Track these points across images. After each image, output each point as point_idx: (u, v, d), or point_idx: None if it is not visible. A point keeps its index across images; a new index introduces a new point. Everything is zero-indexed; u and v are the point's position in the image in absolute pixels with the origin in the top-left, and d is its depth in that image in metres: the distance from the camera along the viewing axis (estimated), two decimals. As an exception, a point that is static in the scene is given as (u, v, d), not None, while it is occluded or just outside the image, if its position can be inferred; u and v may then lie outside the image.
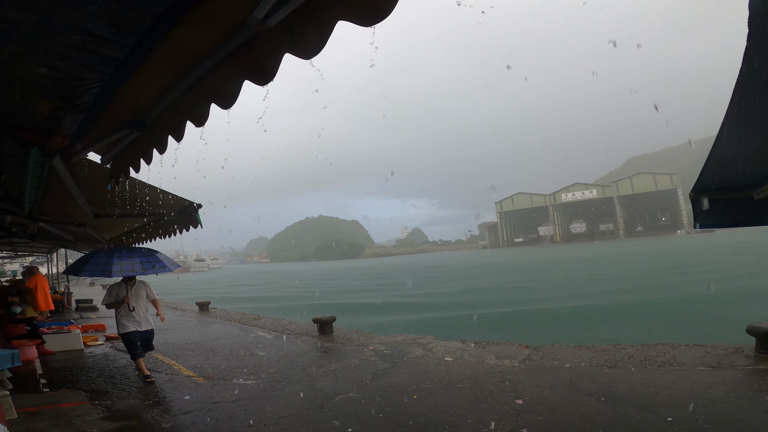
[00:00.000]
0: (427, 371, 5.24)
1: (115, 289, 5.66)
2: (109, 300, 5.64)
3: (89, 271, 5.38)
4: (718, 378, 4.25)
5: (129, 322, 5.52)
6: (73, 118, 2.90)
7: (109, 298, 5.63)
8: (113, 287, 5.68)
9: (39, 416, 4.23)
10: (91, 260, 5.50)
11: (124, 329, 5.50)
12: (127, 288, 5.63)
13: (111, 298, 5.62)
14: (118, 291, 5.63)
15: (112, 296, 5.62)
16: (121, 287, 5.63)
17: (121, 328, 5.51)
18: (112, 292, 5.64)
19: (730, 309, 11.99)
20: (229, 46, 1.52)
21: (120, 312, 5.54)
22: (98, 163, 3.70)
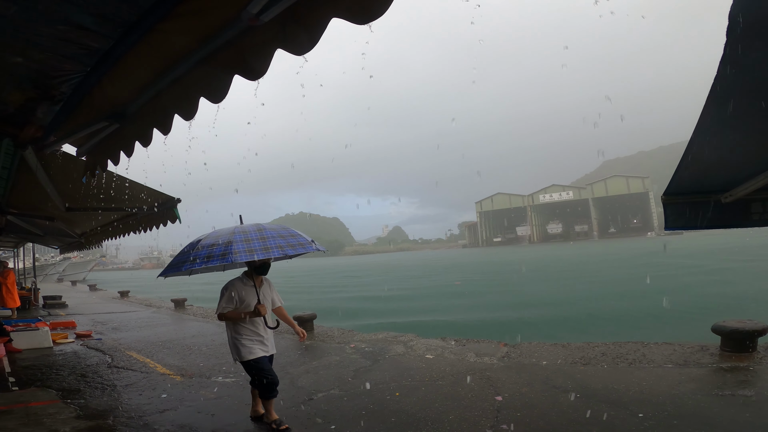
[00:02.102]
0: (409, 368, 5.29)
1: (236, 289, 3.55)
2: (228, 307, 3.50)
3: (203, 259, 3.31)
4: (685, 375, 4.43)
5: (255, 344, 3.55)
6: (48, 109, 2.80)
7: (228, 303, 3.50)
8: (232, 285, 3.58)
9: (8, 415, 4.06)
10: (199, 247, 3.43)
11: (251, 354, 3.51)
12: (257, 288, 3.62)
13: (231, 303, 3.49)
14: (243, 292, 3.55)
15: (232, 301, 3.49)
16: (245, 286, 3.58)
17: (246, 352, 3.51)
18: (232, 294, 3.51)
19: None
20: (219, 40, 1.50)
21: (240, 327, 3.55)
22: (73, 155, 3.59)
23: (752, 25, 1.71)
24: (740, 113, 2.25)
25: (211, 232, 3.60)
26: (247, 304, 3.52)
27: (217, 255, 3.26)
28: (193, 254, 3.35)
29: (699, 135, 2.43)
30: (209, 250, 3.33)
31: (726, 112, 2.24)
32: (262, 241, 3.40)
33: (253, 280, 3.60)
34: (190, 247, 3.48)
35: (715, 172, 2.98)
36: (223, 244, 3.32)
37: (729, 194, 3.17)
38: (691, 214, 3.46)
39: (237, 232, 3.44)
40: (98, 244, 8.91)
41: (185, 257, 3.41)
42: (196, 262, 3.31)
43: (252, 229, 3.53)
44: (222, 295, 3.56)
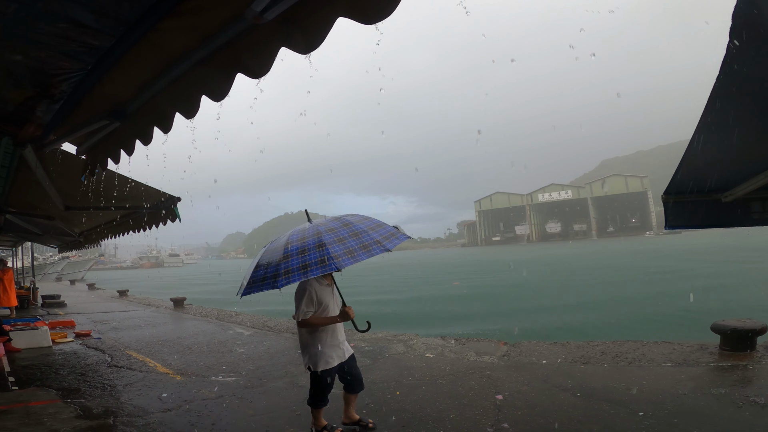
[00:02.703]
0: (409, 367, 5.29)
1: (314, 290, 3.17)
2: (310, 311, 3.14)
3: (299, 270, 2.76)
4: (684, 374, 4.44)
5: (333, 350, 3.27)
6: (47, 108, 2.79)
7: (309, 306, 3.14)
8: (309, 285, 3.16)
9: (8, 415, 4.05)
10: (287, 256, 2.87)
11: (328, 364, 3.22)
12: (334, 290, 3.35)
13: (312, 306, 3.15)
14: (320, 293, 3.19)
15: (313, 303, 3.15)
16: (321, 286, 3.21)
17: (324, 363, 3.21)
18: (312, 296, 3.15)
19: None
20: (222, 38, 1.49)
21: (321, 334, 3.21)
22: (72, 154, 3.58)
23: (755, 25, 1.71)
24: (741, 113, 2.25)
25: (290, 236, 3.06)
26: (326, 306, 3.18)
27: (315, 262, 2.73)
28: (284, 265, 2.80)
29: (700, 134, 2.43)
30: (302, 258, 2.79)
31: (727, 111, 2.24)
32: (357, 238, 2.91)
33: (327, 279, 3.23)
34: (275, 258, 2.92)
35: (715, 171, 2.99)
36: (316, 248, 2.80)
37: (729, 193, 3.18)
38: (691, 214, 3.47)
39: (324, 231, 2.93)
40: (97, 243, 8.89)
41: (273, 270, 2.86)
42: (291, 275, 2.74)
43: (337, 225, 3.05)
44: (300, 298, 3.11)
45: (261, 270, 2.95)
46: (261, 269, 2.95)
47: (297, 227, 3.23)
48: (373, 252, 2.87)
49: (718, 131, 2.40)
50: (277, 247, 3.02)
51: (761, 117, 2.26)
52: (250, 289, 2.90)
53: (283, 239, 3.07)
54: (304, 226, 3.16)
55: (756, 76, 1.99)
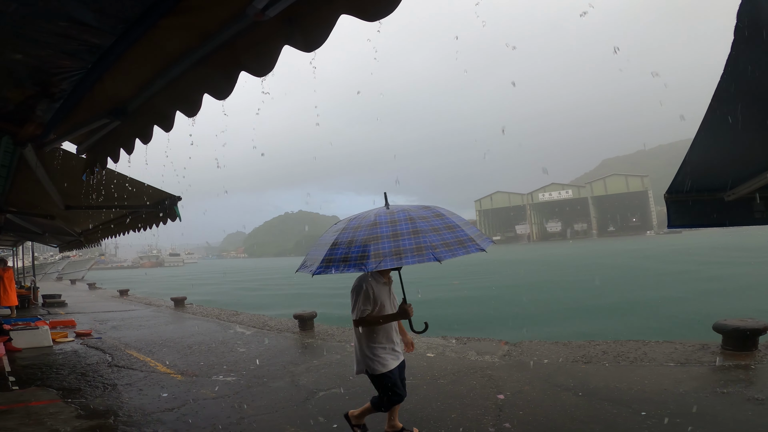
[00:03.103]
0: (410, 367, 5.21)
1: (372, 287, 2.94)
2: (367, 309, 2.92)
3: (391, 255, 2.52)
4: (686, 374, 4.43)
5: (389, 353, 3.04)
6: (47, 107, 2.77)
7: (367, 304, 2.92)
8: (367, 282, 2.94)
9: (9, 414, 4.05)
10: (382, 235, 2.63)
11: (385, 366, 2.99)
12: (392, 289, 3.13)
13: (369, 304, 2.92)
14: (377, 291, 2.96)
15: (370, 301, 2.92)
16: (378, 284, 2.98)
17: (380, 365, 2.98)
18: (370, 294, 2.92)
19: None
20: (224, 36, 1.48)
21: (376, 335, 3.00)
22: (73, 153, 3.57)
23: (760, 24, 1.70)
24: (745, 112, 2.24)
25: (376, 216, 2.77)
26: (382, 306, 2.95)
27: (410, 249, 2.54)
28: (374, 247, 2.55)
29: (703, 133, 2.42)
30: (395, 243, 2.57)
31: (731, 110, 2.23)
32: (451, 231, 2.69)
33: (385, 276, 3.02)
34: (360, 237, 2.65)
35: (718, 170, 2.98)
36: (411, 234, 2.60)
37: (732, 192, 3.16)
38: (693, 213, 3.45)
39: (417, 218, 2.72)
40: (97, 242, 8.88)
41: (359, 250, 2.58)
42: (384, 259, 2.50)
43: (429, 214, 2.80)
44: (356, 296, 2.91)
45: (341, 248, 2.66)
46: (341, 248, 2.66)
47: (375, 209, 2.97)
48: (470, 249, 2.64)
49: (721, 130, 2.39)
50: (360, 225, 2.75)
51: (765, 115, 2.25)
52: (326, 267, 2.63)
53: (368, 218, 2.78)
54: (389, 209, 2.89)
55: (760, 75, 1.98)
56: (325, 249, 2.76)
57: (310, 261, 2.87)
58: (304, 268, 2.90)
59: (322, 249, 2.80)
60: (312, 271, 2.70)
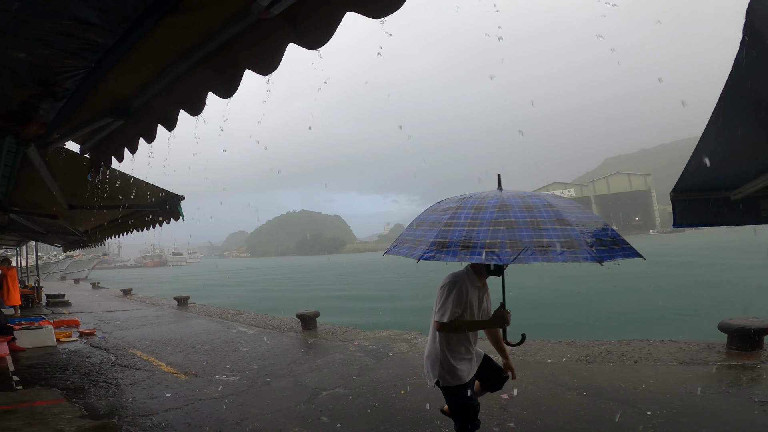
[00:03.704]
0: (413, 366, 5.27)
1: (466, 289, 2.51)
2: (458, 311, 2.46)
3: (533, 248, 2.06)
4: (691, 373, 4.41)
5: (466, 364, 2.64)
6: (51, 106, 2.77)
7: (458, 306, 2.46)
8: (462, 282, 2.51)
9: (13, 414, 4.05)
10: (517, 221, 2.18)
11: (461, 379, 2.59)
12: (487, 295, 2.71)
13: (460, 307, 2.48)
14: (470, 294, 2.53)
15: (461, 303, 2.47)
16: (472, 287, 2.54)
17: (453, 377, 2.58)
18: (462, 295, 2.48)
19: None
20: (227, 34, 1.47)
21: (457, 344, 2.60)
22: (76, 153, 3.56)
23: (767, 22, 1.68)
24: (753, 110, 2.22)
25: (507, 198, 2.33)
26: (472, 312, 2.55)
27: (557, 243, 2.05)
28: (508, 234, 2.10)
29: (710, 131, 2.40)
30: (535, 232, 2.11)
31: (739, 109, 2.21)
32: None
33: (481, 279, 2.60)
34: (485, 219, 2.21)
35: (724, 168, 2.95)
36: (556, 225, 2.14)
37: (738, 191, 3.14)
38: (699, 212, 3.43)
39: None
40: (101, 242, 8.90)
41: (485, 235, 2.13)
42: (524, 252, 2.03)
43: (539, 203, 2.30)
44: (447, 295, 2.47)
45: (459, 230, 2.21)
46: (458, 229, 2.22)
47: (485, 191, 2.51)
48: (627, 253, 2.19)
49: (728, 128, 2.37)
50: (483, 205, 2.30)
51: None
52: (438, 252, 2.19)
53: (490, 198, 2.33)
54: (518, 191, 2.44)
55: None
56: (433, 229, 2.32)
57: (408, 242, 2.45)
58: (397, 249, 2.50)
59: (429, 229, 2.37)
60: (415, 255, 2.27)
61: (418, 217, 2.61)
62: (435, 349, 2.64)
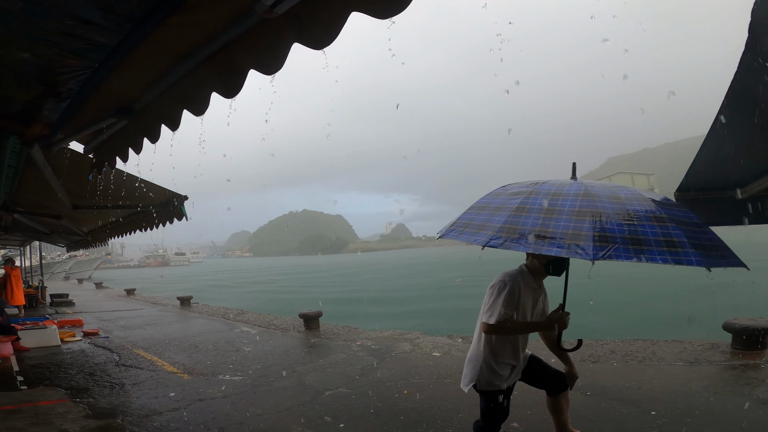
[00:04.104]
0: (416, 366, 5.26)
1: (519, 290, 2.32)
2: (509, 313, 2.27)
3: (603, 241, 1.76)
4: (696, 373, 4.39)
5: (509, 370, 2.48)
6: (54, 106, 2.77)
7: (510, 307, 2.27)
8: (515, 282, 2.32)
9: (17, 414, 4.06)
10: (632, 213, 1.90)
11: (497, 385, 2.43)
12: (542, 298, 2.53)
13: (512, 308, 2.28)
14: (524, 296, 2.34)
15: (512, 304, 2.28)
16: (527, 288, 2.36)
17: (491, 382, 2.42)
18: (515, 296, 2.30)
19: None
20: (231, 33, 1.46)
21: (502, 348, 2.42)
22: (80, 153, 3.57)
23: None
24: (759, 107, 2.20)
25: (615, 188, 2.08)
26: (524, 315, 2.34)
27: (654, 242, 1.77)
28: (608, 228, 1.81)
29: (715, 130, 2.39)
30: (655, 228, 1.82)
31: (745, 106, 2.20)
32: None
33: (537, 279, 2.40)
34: (572, 208, 1.93)
35: (730, 167, 2.93)
36: (653, 220, 1.86)
37: (744, 190, 3.12)
38: (704, 211, 3.40)
39: (598, 195, 1.98)
40: (104, 242, 8.93)
41: (574, 225, 1.85)
42: (616, 249, 1.74)
43: (630, 194, 2.03)
44: (498, 294, 2.27)
45: (533, 218, 1.96)
46: (532, 217, 1.96)
47: (566, 179, 2.23)
48: (731, 261, 1.88)
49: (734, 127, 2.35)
50: (561, 192, 2.03)
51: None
52: (507, 240, 1.96)
53: (569, 185, 2.09)
54: (600, 182, 2.20)
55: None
56: (500, 213, 2.07)
57: (470, 226, 2.19)
58: (456, 233, 2.25)
59: (495, 213, 2.11)
60: (479, 240, 2.02)
61: (481, 200, 2.37)
62: (478, 352, 2.47)
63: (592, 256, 1.73)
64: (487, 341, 2.42)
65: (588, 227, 1.81)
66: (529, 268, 2.38)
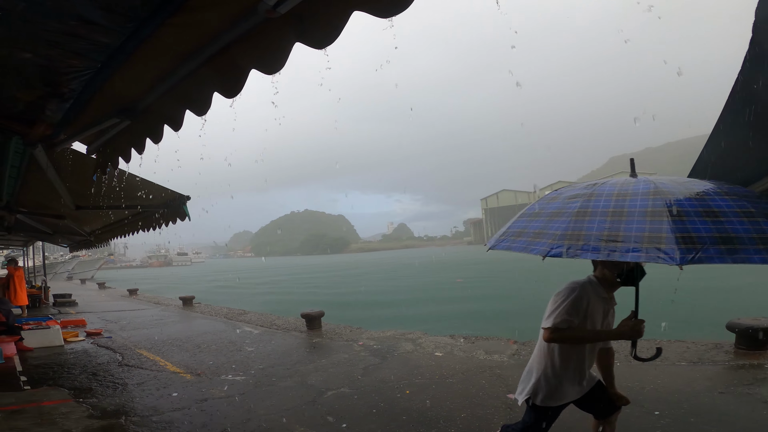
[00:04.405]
0: (418, 366, 5.26)
1: (588, 299, 2.14)
2: (573, 320, 2.09)
3: (688, 243, 1.57)
4: (699, 373, 4.38)
5: (573, 385, 2.29)
6: (57, 107, 2.78)
7: (574, 315, 2.09)
8: (584, 291, 2.15)
9: (21, 414, 4.08)
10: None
11: (554, 400, 2.27)
12: (608, 311, 2.27)
13: (576, 315, 2.10)
14: (593, 306, 2.15)
15: (578, 312, 2.11)
16: (598, 298, 2.18)
17: (548, 397, 2.25)
18: (583, 304, 2.12)
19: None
20: (234, 33, 1.46)
21: (567, 360, 2.22)
22: (83, 153, 3.58)
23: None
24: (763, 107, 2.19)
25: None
26: (593, 325, 2.16)
27: (750, 239, 1.58)
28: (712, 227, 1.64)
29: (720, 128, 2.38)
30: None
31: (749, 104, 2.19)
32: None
33: (609, 290, 2.21)
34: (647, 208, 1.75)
35: (735, 166, 2.92)
36: (743, 216, 1.68)
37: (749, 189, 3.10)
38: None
39: (672, 192, 1.81)
40: (107, 242, 8.96)
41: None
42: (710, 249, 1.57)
43: (710, 189, 1.86)
44: (563, 300, 2.10)
45: (598, 221, 1.79)
46: (597, 220, 1.79)
47: (626, 178, 2.03)
48: None
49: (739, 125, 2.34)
50: (628, 192, 1.86)
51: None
52: (571, 247, 1.77)
53: (634, 184, 1.90)
54: (670, 177, 2.03)
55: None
56: (558, 219, 1.91)
57: (524, 235, 2.04)
58: (508, 242, 2.10)
59: (551, 219, 1.95)
60: (538, 250, 1.86)
61: (532, 207, 2.20)
62: (539, 363, 2.27)
63: (680, 261, 1.53)
64: (549, 352, 2.22)
65: (668, 228, 1.63)
66: (599, 278, 2.19)
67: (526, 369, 2.39)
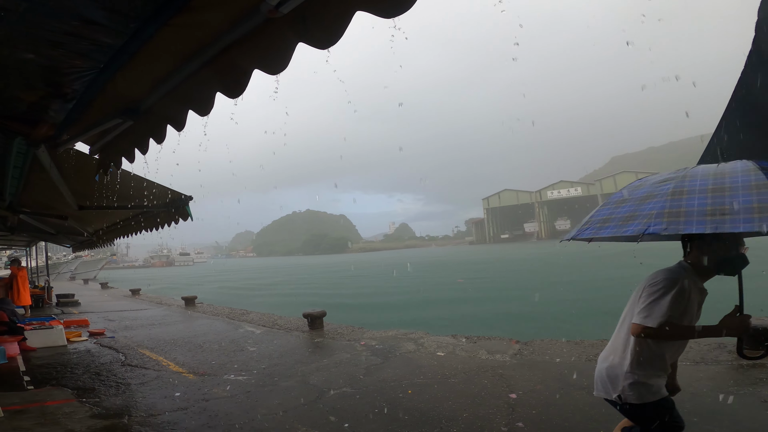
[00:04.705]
0: (420, 366, 5.26)
1: (689, 291, 1.93)
2: (673, 314, 1.88)
3: None
4: (703, 373, 4.36)
5: (662, 379, 2.13)
6: (60, 107, 2.79)
7: (675, 307, 1.89)
8: (684, 283, 1.92)
9: (24, 414, 4.09)
10: None
11: (658, 393, 2.08)
12: (701, 303, 2.07)
13: (677, 309, 1.89)
14: (692, 299, 1.96)
15: (679, 306, 1.90)
16: (696, 288, 1.98)
17: (650, 392, 2.05)
18: (685, 295, 1.91)
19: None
20: (236, 33, 1.46)
21: (659, 355, 2.04)
22: (85, 153, 3.59)
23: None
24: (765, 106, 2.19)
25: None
26: (691, 320, 1.98)
27: None
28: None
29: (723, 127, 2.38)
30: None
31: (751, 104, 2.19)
32: None
33: (701, 281, 2.03)
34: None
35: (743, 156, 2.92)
36: None
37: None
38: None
39: None
40: (109, 242, 8.99)
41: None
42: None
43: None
44: (662, 294, 1.92)
45: (695, 198, 1.72)
46: (695, 197, 1.73)
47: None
48: None
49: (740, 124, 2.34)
50: (725, 171, 1.79)
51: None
52: (671, 223, 1.70)
53: (731, 165, 1.85)
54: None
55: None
56: (651, 201, 1.83)
57: (612, 220, 1.93)
58: (593, 230, 1.98)
59: (643, 202, 1.87)
60: (633, 230, 1.78)
61: (614, 196, 2.09)
62: (623, 359, 2.09)
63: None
64: (638, 348, 2.01)
65: None
66: (694, 265, 1.98)
67: (606, 365, 2.20)
